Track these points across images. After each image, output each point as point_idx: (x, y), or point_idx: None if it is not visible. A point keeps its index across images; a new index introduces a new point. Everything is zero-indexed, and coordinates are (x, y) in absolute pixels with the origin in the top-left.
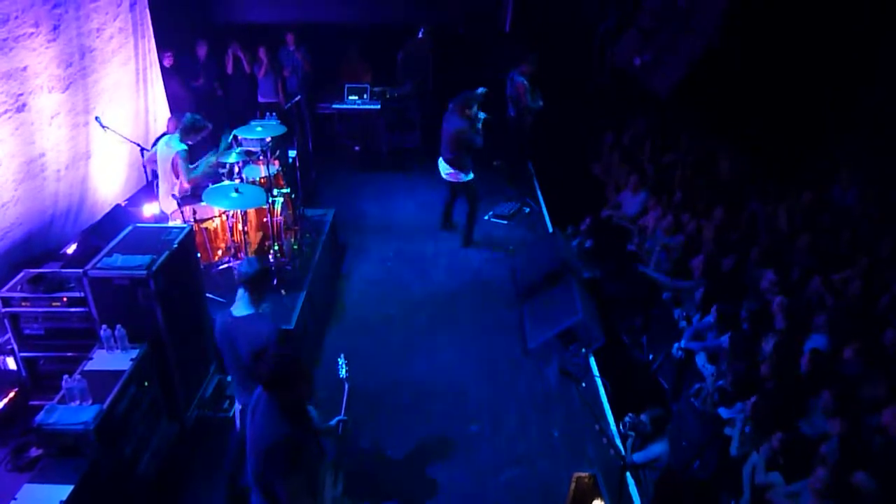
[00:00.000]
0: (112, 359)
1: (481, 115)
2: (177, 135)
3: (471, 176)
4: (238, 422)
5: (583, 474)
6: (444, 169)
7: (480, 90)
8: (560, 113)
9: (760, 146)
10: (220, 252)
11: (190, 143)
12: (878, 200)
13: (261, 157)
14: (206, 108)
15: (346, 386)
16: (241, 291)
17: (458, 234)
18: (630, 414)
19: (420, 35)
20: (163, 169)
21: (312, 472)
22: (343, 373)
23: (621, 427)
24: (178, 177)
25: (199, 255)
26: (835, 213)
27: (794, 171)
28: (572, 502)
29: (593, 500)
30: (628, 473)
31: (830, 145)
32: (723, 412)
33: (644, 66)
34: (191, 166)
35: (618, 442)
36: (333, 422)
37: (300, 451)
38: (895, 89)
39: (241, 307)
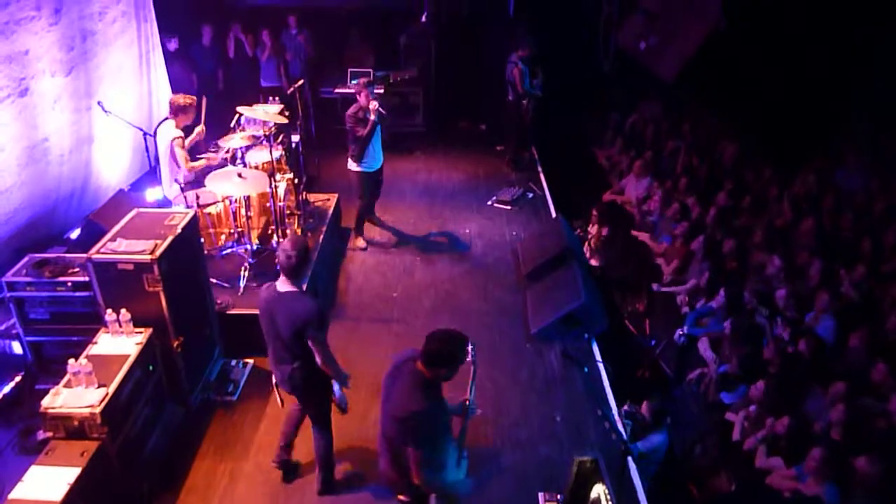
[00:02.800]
0: (117, 343)
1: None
2: (172, 120)
3: (359, 167)
4: (278, 397)
5: (585, 458)
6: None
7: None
8: (564, 97)
9: (765, 130)
10: (223, 237)
11: (189, 123)
12: (882, 184)
13: (264, 142)
14: (208, 92)
15: (474, 369)
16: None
17: (457, 219)
18: (629, 403)
19: (423, 19)
20: (162, 154)
21: (441, 447)
22: (471, 356)
23: (620, 414)
24: (177, 163)
25: (202, 240)
26: (839, 197)
27: (798, 155)
28: (574, 486)
29: (595, 484)
30: (630, 458)
31: (835, 129)
32: (725, 398)
33: (649, 50)
34: (186, 155)
35: (619, 427)
36: (459, 403)
37: (434, 426)
38: None
39: (283, 285)
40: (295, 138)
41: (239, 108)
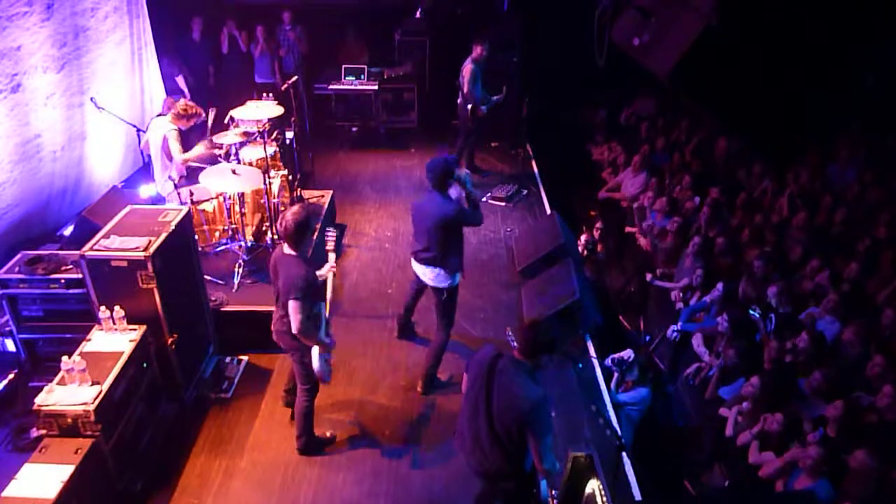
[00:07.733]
0: (111, 340)
1: None
2: (168, 116)
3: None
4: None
5: (579, 454)
6: None
7: None
8: (558, 94)
9: (758, 126)
10: (217, 234)
11: (181, 128)
12: (875, 177)
13: (258, 139)
14: (199, 88)
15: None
16: None
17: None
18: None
19: (417, 15)
20: (155, 150)
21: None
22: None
23: (608, 362)
24: (170, 158)
25: (196, 236)
26: (832, 193)
27: (791, 151)
28: (568, 482)
29: (589, 479)
30: (624, 454)
31: (829, 125)
32: (724, 392)
33: (643, 46)
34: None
35: (614, 423)
36: None
37: (550, 412)
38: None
39: (286, 247)
40: (289, 135)
41: (232, 112)
